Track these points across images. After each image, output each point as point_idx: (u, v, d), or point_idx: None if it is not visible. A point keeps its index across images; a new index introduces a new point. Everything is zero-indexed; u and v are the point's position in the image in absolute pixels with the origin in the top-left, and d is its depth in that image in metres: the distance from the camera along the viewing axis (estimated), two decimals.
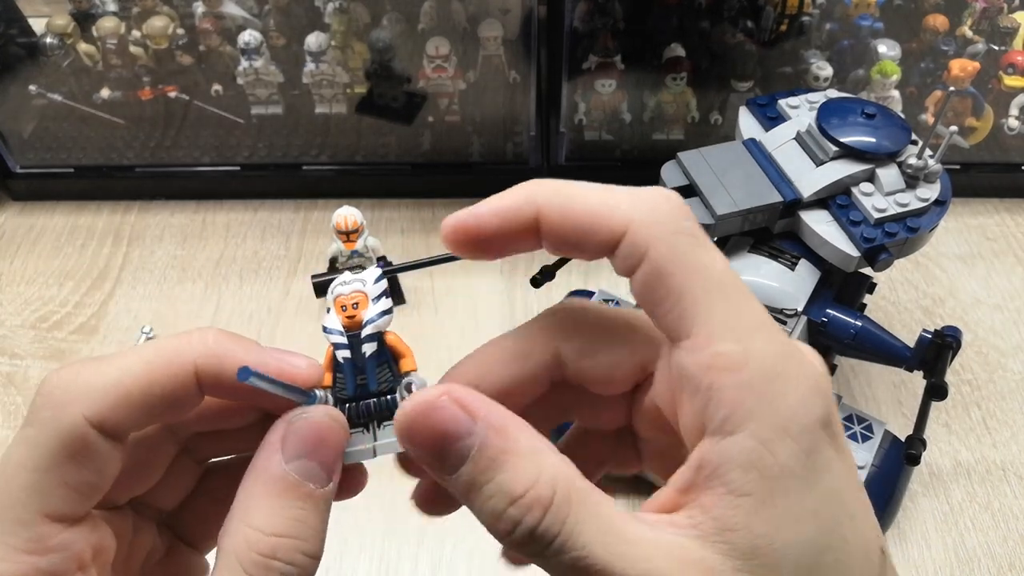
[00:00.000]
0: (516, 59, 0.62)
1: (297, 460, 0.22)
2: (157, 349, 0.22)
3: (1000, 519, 0.47)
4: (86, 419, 0.21)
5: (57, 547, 0.21)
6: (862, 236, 0.40)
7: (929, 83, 0.64)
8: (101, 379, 0.22)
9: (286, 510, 0.22)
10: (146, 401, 0.22)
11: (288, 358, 0.24)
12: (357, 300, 0.24)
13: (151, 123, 0.66)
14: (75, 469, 0.21)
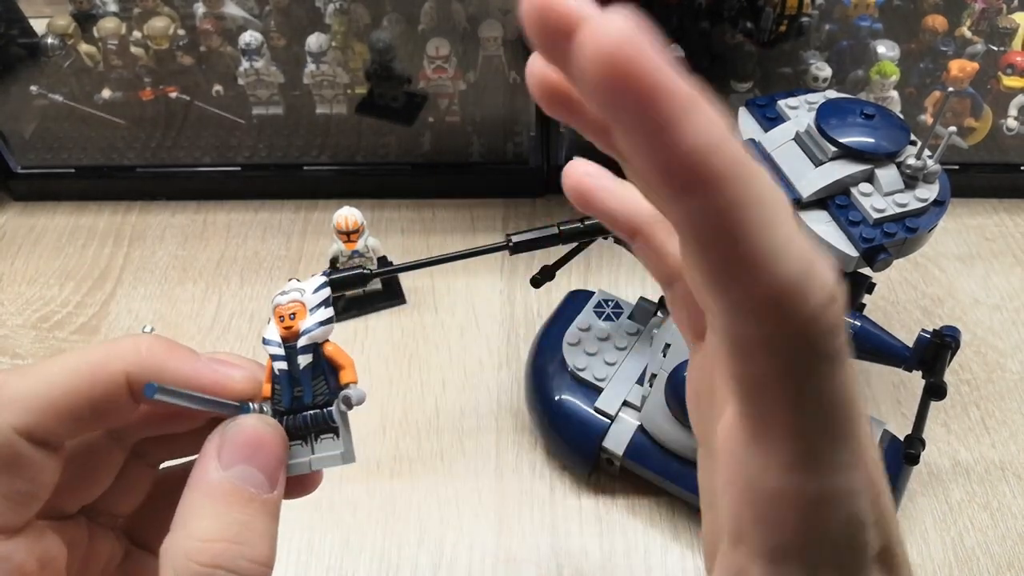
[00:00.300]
0: (516, 59, 0.62)
1: (236, 467, 0.21)
2: (84, 357, 0.22)
3: (999, 518, 0.47)
4: (13, 428, 0.21)
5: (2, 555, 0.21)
6: (861, 236, 0.40)
7: (928, 84, 0.64)
8: (26, 388, 0.21)
9: (228, 515, 0.21)
10: (74, 410, 0.21)
11: (224, 369, 0.23)
12: (295, 310, 0.24)
13: (152, 123, 0.66)
14: (7, 480, 0.21)
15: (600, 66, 0.13)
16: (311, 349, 0.24)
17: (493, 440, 0.50)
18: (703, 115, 0.14)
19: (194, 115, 0.66)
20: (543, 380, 0.48)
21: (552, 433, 0.47)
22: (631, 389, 0.46)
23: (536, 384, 0.48)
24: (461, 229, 0.64)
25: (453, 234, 0.63)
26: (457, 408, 0.51)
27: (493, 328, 0.56)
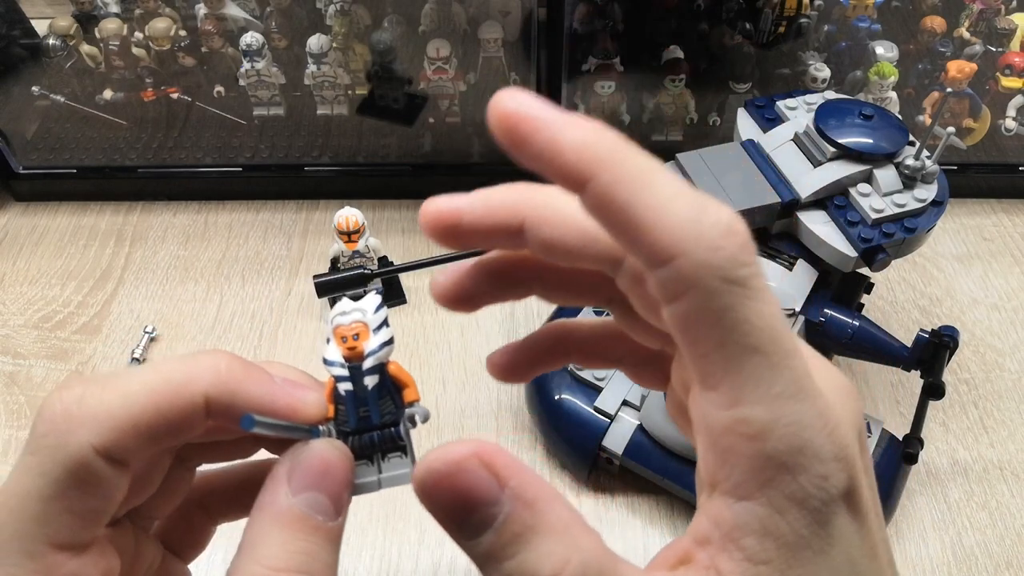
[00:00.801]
0: (516, 61, 0.62)
1: (304, 493, 0.22)
2: (165, 376, 0.22)
3: (997, 517, 0.47)
4: (92, 447, 0.21)
5: (69, 573, 0.21)
6: (859, 236, 0.41)
7: (927, 84, 0.64)
8: (106, 406, 0.21)
9: (294, 543, 0.21)
10: (152, 429, 0.21)
11: (296, 393, 0.23)
12: (358, 331, 0.24)
13: (153, 124, 0.66)
14: (81, 497, 0.21)
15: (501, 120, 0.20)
16: (377, 370, 0.24)
17: (493, 439, 0.50)
18: (577, 127, 0.19)
19: (195, 116, 0.66)
20: (543, 379, 0.48)
21: (552, 432, 0.48)
22: (630, 388, 0.47)
23: (536, 383, 0.49)
24: None
25: None
26: (457, 407, 0.52)
27: (493, 327, 0.56)
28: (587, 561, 0.19)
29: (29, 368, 0.54)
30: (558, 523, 0.19)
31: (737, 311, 0.18)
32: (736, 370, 0.18)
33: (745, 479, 0.19)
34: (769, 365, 0.18)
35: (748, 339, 0.18)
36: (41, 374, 0.54)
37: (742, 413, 0.18)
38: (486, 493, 0.19)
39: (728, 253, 0.18)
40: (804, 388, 0.19)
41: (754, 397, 0.18)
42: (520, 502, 0.19)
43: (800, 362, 0.19)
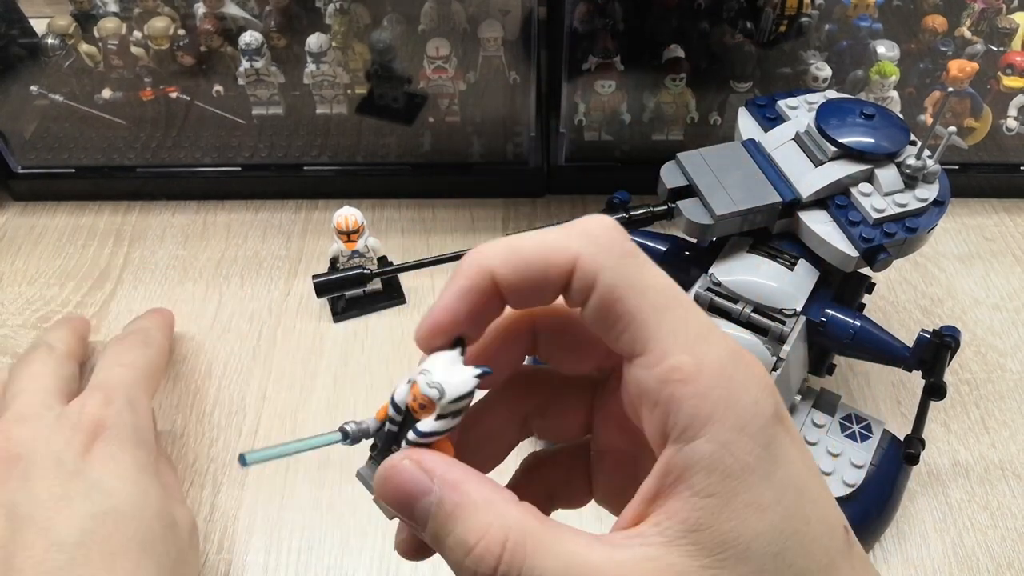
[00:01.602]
0: (516, 60, 0.62)
1: None
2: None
3: (999, 518, 0.47)
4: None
5: None
6: (861, 236, 0.41)
7: (928, 84, 0.64)
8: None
9: None
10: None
11: None
12: (424, 403, 0.24)
13: (152, 124, 0.66)
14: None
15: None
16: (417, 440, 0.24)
17: None
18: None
19: (194, 115, 0.66)
20: None
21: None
22: None
23: None
24: (461, 229, 0.64)
25: (453, 234, 0.63)
26: None
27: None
28: (508, 525, 0.21)
29: None
30: (481, 498, 0.22)
31: (639, 278, 0.22)
32: (655, 328, 0.21)
33: (688, 422, 0.21)
34: (681, 317, 0.21)
35: (657, 299, 0.22)
36: None
37: (671, 362, 0.21)
38: (420, 484, 0.22)
39: (610, 237, 0.22)
40: (714, 330, 0.22)
41: (677, 346, 0.21)
42: (447, 487, 0.22)
43: (702, 312, 0.22)
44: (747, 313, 0.42)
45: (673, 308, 0.22)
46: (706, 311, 0.43)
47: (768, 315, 0.42)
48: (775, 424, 0.21)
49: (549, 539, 0.21)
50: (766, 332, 0.42)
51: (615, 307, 0.22)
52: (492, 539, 0.21)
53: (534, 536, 0.21)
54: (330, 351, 0.55)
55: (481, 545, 0.21)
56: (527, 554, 0.21)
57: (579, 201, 0.65)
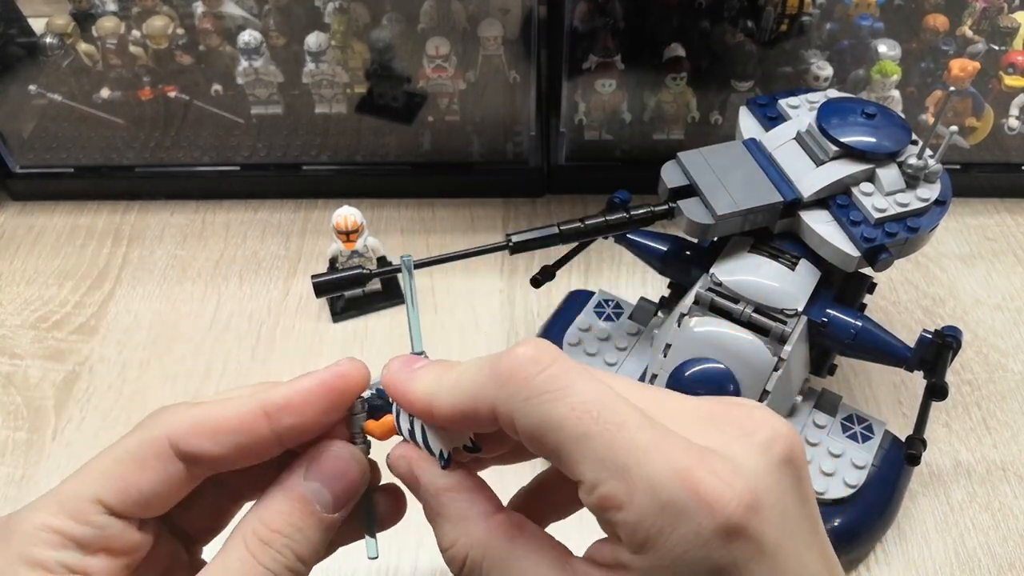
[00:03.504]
0: (516, 59, 0.62)
1: (314, 484, 0.26)
2: (244, 399, 0.26)
3: (1000, 519, 0.47)
4: (168, 435, 0.25)
5: (97, 524, 0.25)
6: (862, 236, 0.40)
7: (929, 83, 0.64)
8: (198, 409, 0.26)
9: (291, 516, 0.26)
10: (229, 440, 0.25)
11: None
12: None
13: (151, 123, 0.66)
14: (140, 474, 0.25)
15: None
16: None
17: None
18: None
19: (193, 114, 0.66)
20: None
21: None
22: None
23: None
24: (461, 229, 0.64)
25: (453, 234, 0.63)
26: None
27: (493, 328, 0.56)
28: (471, 544, 0.24)
29: (26, 368, 0.54)
30: (453, 513, 0.25)
31: (553, 414, 0.22)
32: (577, 461, 0.22)
33: (628, 540, 0.21)
34: (600, 445, 0.21)
35: (570, 431, 0.21)
36: (38, 374, 0.54)
37: (600, 492, 0.21)
38: (410, 482, 0.27)
39: (515, 379, 0.22)
40: (648, 452, 0.21)
41: (603, 476, 0.21)
42: (429, 494, 0.26)
43: (638, 428, 0.21)
44: (748, 313, 0.42)
45: (593, 435, 0.21)
46: (707, 311, 0.43)
47: (769, 315, 0.42)
48: (725, 543, 0.20)
49: (509, 561, 0.23)
50: (767, 332, 0.42)
51: (539, 444, 0.22)
52: (456, 552, 0.24)
53: (493, 557, 0.24)
54: (329, 351, 0.55)
55: (448, 553, 0.25)
56: (484, 569, 0.24)
57: (579, 201, 0.65)
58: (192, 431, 0.25)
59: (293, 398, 0.26)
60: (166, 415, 0.26)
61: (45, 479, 0.48)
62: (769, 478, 0.22)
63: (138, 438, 0.26)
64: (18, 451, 0.50)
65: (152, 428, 0.26)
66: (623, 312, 0.50)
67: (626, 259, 0.59)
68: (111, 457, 0.26)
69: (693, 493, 0.20)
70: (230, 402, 0.26)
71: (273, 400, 0.26)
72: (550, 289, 0.51)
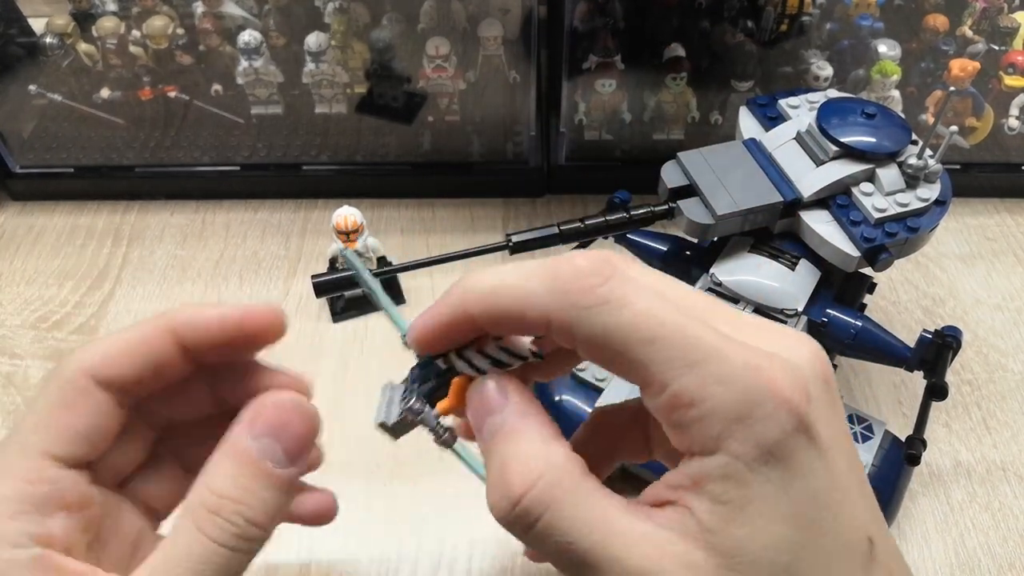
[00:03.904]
0: (516, 59, 0.62)
1: (263, 439, 0.25)
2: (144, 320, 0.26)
3: (1000, 519, 0.47)
4: (82, 370, 0.25)
5: (50, 479, 0.25)
6: (862, 236, 0.40)
7: (929, 83, 0.64)
8: (100, 345, 0.26)
9: (241, 479, 0.24)
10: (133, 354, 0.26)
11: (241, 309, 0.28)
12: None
13: (151, 123, 0.66)
14: (67, 413, 0.25)
15: None
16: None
17: None
18: None
19: (193, 114, 0.66)
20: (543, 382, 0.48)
21: None
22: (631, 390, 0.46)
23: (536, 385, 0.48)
24: (461, 229, 0.64)
25: (453, 234, 0.63)
26: None
27: None
28: (551, 464, 0.22)
29: (26, 368, 0.54)
30: (537, 434, 0.23)
31: (616, 322, 0.22)
32: (646, 364, 0.22)
33: (701, 441, 0.21)
34: (669, 346, 0.21)
35: (637, 336, 0.21)
36: (38, 374, 0.54)
37: (671, 391, 0.21)
38: (495, 402, 0.24)
39: (575, 289, 0.22)
40: (719, 350, 0.21)
41: (673, 375, 0.21)
42: (515, 413, 0.24)
43: (703, 330, 0.22)
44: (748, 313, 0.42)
45: (661, 337, 0.21)
46: None
47: (769, 315, 0.42)
48: (795, 436, 0.21)
49: (582, 490, 0.22)
50: None
51: (601, 353, 0.22)
52: (529, 471, 0.22)
53: (569, 482, 0.22)
54: (329, 351, 0.55)
55: (517, 473, 0.22)
56: (554, 498, 0.22)
57: (579, 201, 0.65)
58: (104, 359, 0.25)
59: (195, 315, 0.26)
60: (77, 354, 0.26)
61: None
62: (818, 387, 0.22)
63: (57, 384, 0.25)
64: None
65: (67, 369, 0.25)
66: None
67: None
68: (41, 409, 0.25)
69: (767, 386, 0.21)
70: (137, 326, 0.26)
71: (178, 318, 0.26)
72: None
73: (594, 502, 0.22)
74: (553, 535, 0.22)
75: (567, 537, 0.22)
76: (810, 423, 0.21)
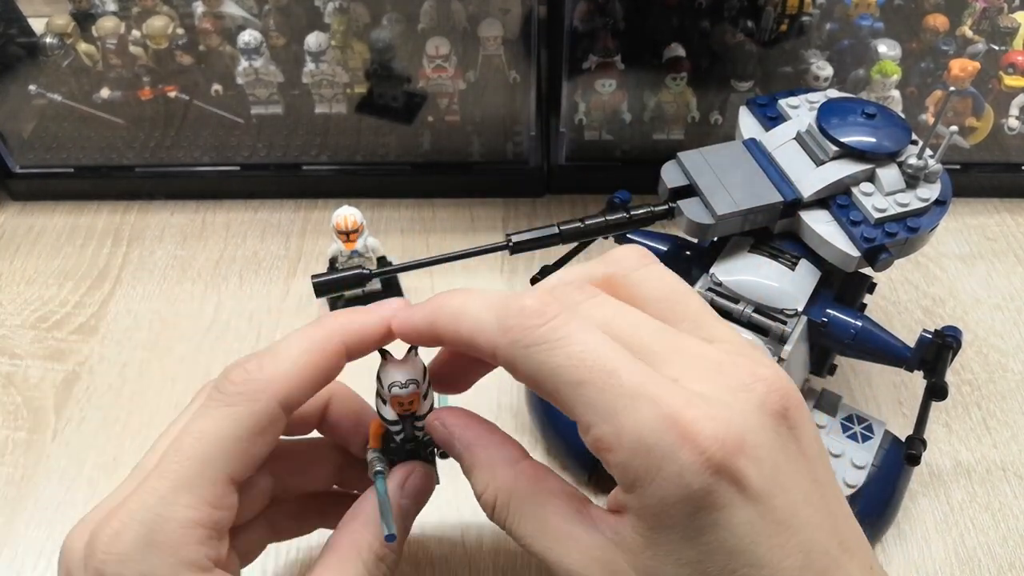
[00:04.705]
0: (516, 59, 0.62)
1: (407, 499, 0.31)
2: (313, 338, 0.28)
3: (1000, 519, 0.47)
4: (279, 403, 0.27)
5: (229, 505, 0.27)
6: (862, 236, 0.40)
7: (929, 83, 0.64)
8: (282, 369, 0.27)
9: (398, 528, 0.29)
10: (315, 380, 0.28)
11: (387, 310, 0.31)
12: (412, 399, 0.30)
13: (151, 123, 0.66)
14: (260, 442, 0.27)
15: None
16: (422, 425, 0.31)
17: None
18: None
19: (193, 114, 0.66)
20: None
21: (552, 434, 0.47)
22: None
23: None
24: (461, 229, 0.64)
25: (453, 234, 0.63)
26: None
27: None
28: (499, 487, 0.27)
29: (26, 368, 0.54)
30: (483, 462, 0.28)
31: (548, 363, 0.24)
32: (573, 404, 0.24)
33: (621, 479, 0.23)
34: (592, 391, 0.23)
35: (572, 375, 0.23)
36: (38, 374, 0.54)
37: (592, 435, 0.23)
38: (445, 440, 0.30)
39: (517, 327, 0.24)
40: (639, 398, 0.23)
41: (594, 420, 0.23)
42: (461, 448, 0.29)
43: (631, 375, 0.23)
44: (748, 313, 0.42)
45: (589, 381, 0.23)
46: None
47: (769, 315, 0.42)
48: (710, 489, 0.22)
49: (532, 503, 0.26)
50: (767, 332, 0.42)
51: (538, 389, 0.25)
52: (487, 497, 0.27)
53: (518, 500, 0.26)
54: None
55: (481, 499, 0.28)
56: (509, 514, 0.26)
57: (579, 201, 0.65)
58: (295, 392, 0.27)
59: (363, 328, 0.30)
60: (266, 378, 0.27)
61: (45, 479, 0.48)
62: (761, 430, 0.23)
63: (251, 410, 0.27)
64: (18, 451, 0.50)
65: (262, 396, 0.27)
66: None
67: None
68: (229, 433, 0.26)
69: (677, 434, 0.22)
70: (314, 342, 0.28)
71: (349, 332, 0.29)
72: None
73: (543, 511, 0.26)
74: (517, 538, 0.26)
75: (524, 541, 0.26)
76: (735, 471, 0.22)
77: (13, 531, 0.46)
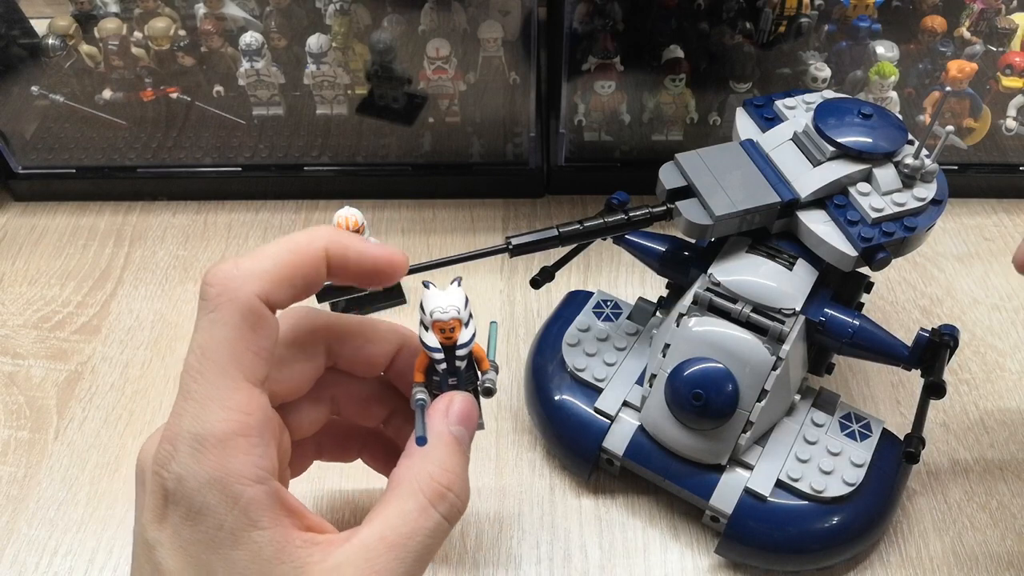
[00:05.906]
0: (516, 60, 0.62)
1: (456, 426, 0.31)
2: (295, 240, 0.28)
3: (998, 518, 0.47)
4: (256, 296, 0.27)
5: (258, 407, 0.27)
6: (859, 236, 0.41)
7: (927, 84, 0.64)
8: (259, 266, 0.27)
9: (456, 456, 0.30)
10: (293, 279, 0.28)
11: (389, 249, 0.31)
12: (453, 326, 0.31)
13: (153, 124, 0.66)
14: (256, 337, 0.27)
15: None
16: (467, 355, 0.32)
17: (493, 440, 0.50)
18: None
19: (195, 116, 0.66)
20: (543, 380, 0.48)
21: (552, 433, 0.48)
22: (631, 389, 0.46)
23: (536, 384, 0.49)
24: (461, 229, 0.64)
25: (453, 234, 0.63)
26: None
27: None
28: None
29: (28, 368, 0.54)
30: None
31: None
32: None
33: None
34: None
35: None
36: (40, 374, 0.54)
37: None
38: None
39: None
40: None
41: None
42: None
43: None
44: (746, 313, 0.42)
45: None
46: (705, 311, 0.43)
47: (767, 315, 0.42)
48: None
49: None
50: (765, 332, 0.42)
51: None
52: None
53: None
54: None
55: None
56: None
57: (578, 201, 0.65)
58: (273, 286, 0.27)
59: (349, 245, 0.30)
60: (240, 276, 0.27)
61: (47, 479, 0.48)
62: None
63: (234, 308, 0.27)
64: (20, 450, 0.50)
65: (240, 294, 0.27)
66: (622, 312, 0.51)
67: (625, 260, 0.59)
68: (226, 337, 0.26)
69: None
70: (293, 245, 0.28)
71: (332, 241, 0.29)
72: (549, 289, 0.51)
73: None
74: None
75: None
76: None
77: (15, 530, 0.46)
